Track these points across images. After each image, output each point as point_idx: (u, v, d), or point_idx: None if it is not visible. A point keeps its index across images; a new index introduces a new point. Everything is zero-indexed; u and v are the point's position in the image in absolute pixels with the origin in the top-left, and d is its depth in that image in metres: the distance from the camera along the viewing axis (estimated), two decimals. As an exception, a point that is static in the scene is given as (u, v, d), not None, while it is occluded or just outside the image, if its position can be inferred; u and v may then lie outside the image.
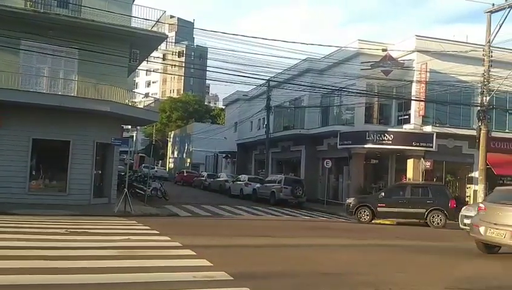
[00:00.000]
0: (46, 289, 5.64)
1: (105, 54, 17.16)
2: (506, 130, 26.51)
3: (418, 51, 25.24)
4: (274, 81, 30.01)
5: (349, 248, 11.30)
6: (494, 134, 22.35)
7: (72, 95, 18.28)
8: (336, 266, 8.44)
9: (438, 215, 18.50)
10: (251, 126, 41.92)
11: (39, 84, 18.31)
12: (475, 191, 24.00)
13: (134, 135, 58.68)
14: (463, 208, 15.70)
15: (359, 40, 27.48)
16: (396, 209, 18.75)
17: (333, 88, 25.92)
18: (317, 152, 30.80)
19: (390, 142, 24.88)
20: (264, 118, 35.10)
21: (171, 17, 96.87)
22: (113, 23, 17.95)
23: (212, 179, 37.33)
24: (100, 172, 19.61)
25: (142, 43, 19.66)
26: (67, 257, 7.60)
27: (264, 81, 29.06)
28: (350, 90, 25.27)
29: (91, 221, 13.22)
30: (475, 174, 24.49)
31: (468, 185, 26.60)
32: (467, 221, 14.09)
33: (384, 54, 25.56)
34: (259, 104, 35.33)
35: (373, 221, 18.91)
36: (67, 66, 18.61)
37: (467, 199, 26.75)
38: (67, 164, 18.12)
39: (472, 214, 13.50)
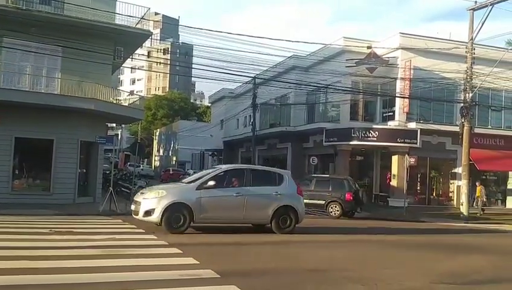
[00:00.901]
0: (30, 290, 5.57)
1: (89, 51, 16.95)
2: (489, 127, 26.92)
3: (402, 49, 25.46)
4: (260, 78, 30.00)
5: (336, 244, 11.39)
6: (477, 130, 22.65)
7: (56, 93, 18.04)
8: (322, 263, 8.48)
9: (335, 207, 19.26)
10: (237, 124, 41.86)
11: (22, 82, 18.04)
12: (458, 187, 24.33)
13: (119, 133, 58.05)
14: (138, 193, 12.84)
15: (344, 37, 27.62)
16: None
17: (319, 85, 26.02)
18: (303, 149, 30.89)
19: (375, 138, 25.08)
20: (250, 116, 35.06)
21: (156, 14, 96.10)
22: (97, 20, 17.75)
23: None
24: (85, 171, 19.42)
25: (127, 40, 19.47)
26: (51, 256, 7.50)
27: (250, 79, 29.02)
28: (335, 87, 25.40)
29: (76, 220, 13.07)
30: (458, 169, 24.82)
31: (451, 181, 26.97)
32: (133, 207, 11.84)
33: (369, 51, 25.73)
34: (245, 102, 35.28)
35: None
36: (51, 64, 18.36)
37: (450, 195, 27.14)
38: (51, 162, 17.89)
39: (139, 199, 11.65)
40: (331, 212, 19.24)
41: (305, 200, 19.29)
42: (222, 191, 11.73)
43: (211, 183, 11.58)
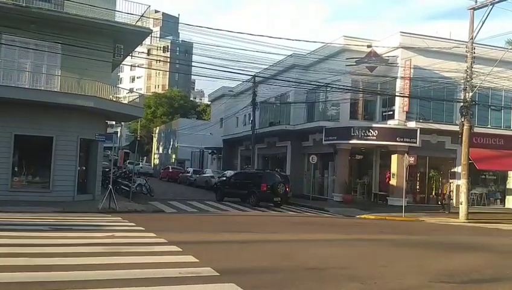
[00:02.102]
0: (29, 287, 5.56)
1: (88, 48, 16.94)
2: (489, 126, 26.92)
3: (402, 47, 25.43)
4: (260, 76, 29.99)
5: (334, 242, 11.39)
6: (476, 130, 22.63)
7: (55, 90, 18.03)
8: (321, 261, 8.49)
9: (252, 196, 22.10)
10: (237, 122, 41.85)
11: (21, 79, 18.03)
12: (458, 186, 24.35)
13: (119, 130, 58.08)
14: None
15: (344, 36, 27.58)
16: (234, 191, 23.54)
17: (319, 84, 26.01)
18: (302, 148, 30.89)
19: (375, 138, 25.08)
20: (249, 114, 35.07)
21: (156, 11, 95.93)
22: (97, 18, 17.73)
23: (197, 175, 37.21)
24: (84, 168, 19.41)
25: (127, 38, 19.46)
26: (51, 254, 7.52)
27: (249, 77, 29.01)
28: (335, 86, 25.40)
29: (75, 218, 13.09)
30: (458, 169, 24.84)
31: (451, 180, 26.99)
32: None
33: (369, 50, 25.71)
34: (245, 100, 35.27)
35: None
36: (50, 61, 18.34)
37: (449, 194, 27.15)
38: (50, 160, 17.89)
39: None
40: (249, 201, 21.97)
41: (233, 190, 23.30)
42: None
43: None
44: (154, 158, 67.76)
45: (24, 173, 18.05)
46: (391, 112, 26.49)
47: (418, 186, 26.94)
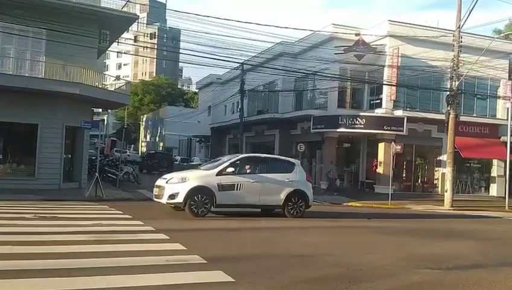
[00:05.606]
0: (13, 275, 5.49)
1: (73, 34, 16.66)
2: (474, 115, 27.19)
3: (390, 36, 25.47)
4: (248, 64, 29.83)
5: (322, 229, 11.47)
6: (462, 118, 22.87)
7: (40, 76, 17.73)
8: (308, 248, 8.54)
9: (147, 168, 34.26)
10: (225, 110, 41.69)
11: (5, 66, 17.71)
12: (443, 174, 24.65)
13: (105, 118, 57.55)
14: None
15: (333, 24, 27.52)
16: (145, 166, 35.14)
17: (307, 72, 25.96)
18: (290, 136, 30.94)
19: (362, 126, 25.19)
20: (238, 102, 34.94)
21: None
22: (82, 3, 17.44)
23: (185, 163, 37.12)
24: (70, 156, 19.22)
25: (112, 24, 19.18)
26: (35, 242, 7.44)
27: (238, 65, 28.83)
28: (323, 74, 25.37)
29: (61, 206, 12.97)
30: (443, 157, 25.12)
31: (436, 168, 27.29)
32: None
33: (357, 38, 25.69)
34: (233, 88, 35.11)
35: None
36: (35, 47, 18.02)
37: (435, 182, 27.48)
38: (35, 147, 17.66)
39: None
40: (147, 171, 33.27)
41: (149, 168, 34.48)
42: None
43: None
44: (141, 146, 67.39)
45: (9, 160, 17.81)
46: (379, 101, 26.60)
47: (404, 175, 27.20)
